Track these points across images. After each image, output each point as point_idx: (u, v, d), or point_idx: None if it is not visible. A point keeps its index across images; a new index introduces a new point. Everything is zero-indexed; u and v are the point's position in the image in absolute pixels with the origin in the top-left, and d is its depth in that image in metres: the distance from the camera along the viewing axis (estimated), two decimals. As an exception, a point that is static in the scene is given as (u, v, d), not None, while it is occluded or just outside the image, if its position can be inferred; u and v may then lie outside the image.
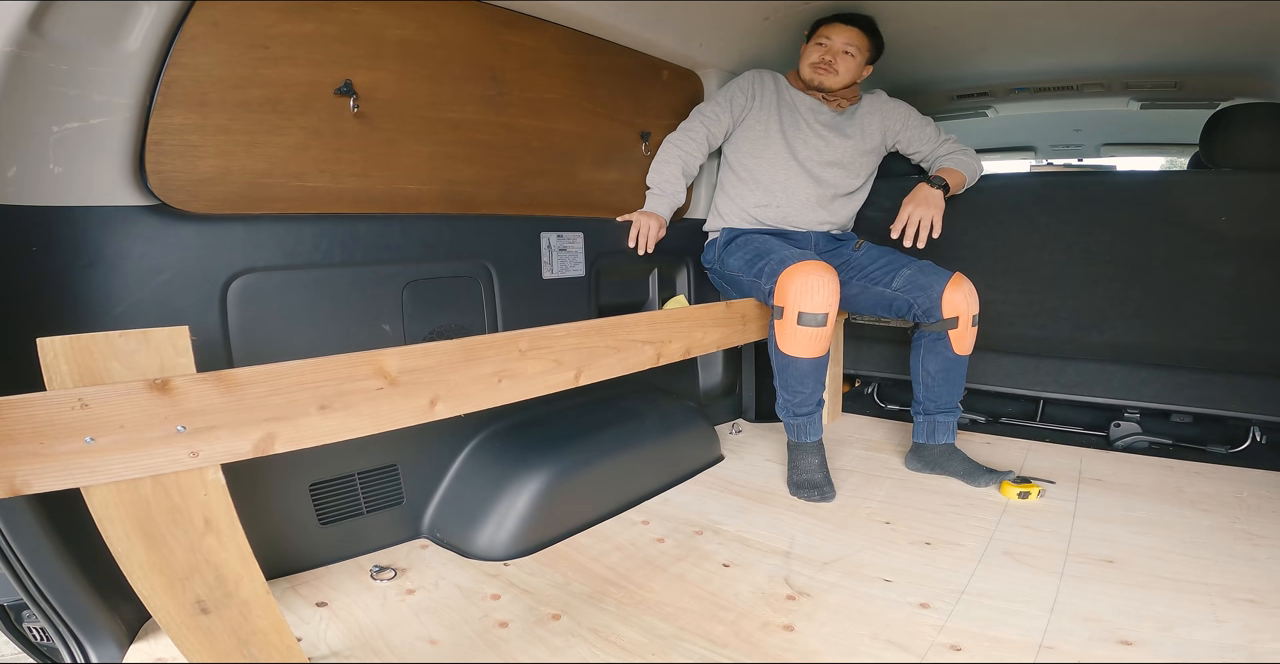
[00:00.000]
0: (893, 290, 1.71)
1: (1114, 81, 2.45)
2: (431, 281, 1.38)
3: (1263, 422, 1.80)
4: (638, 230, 1.79)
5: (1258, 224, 1.65)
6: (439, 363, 1.00)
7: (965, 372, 1.72)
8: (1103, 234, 1.83)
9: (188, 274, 1.07)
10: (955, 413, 1.74)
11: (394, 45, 1.29)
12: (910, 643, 1.04)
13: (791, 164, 1.87)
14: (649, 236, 1.80)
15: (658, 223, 1.81)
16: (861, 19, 1.82)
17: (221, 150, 1.11)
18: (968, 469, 1.68)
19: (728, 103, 1.89)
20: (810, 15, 1.88)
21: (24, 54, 0.84)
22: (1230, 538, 1.35)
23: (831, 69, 1.81)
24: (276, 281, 1.17)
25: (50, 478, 0.70)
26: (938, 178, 1.84)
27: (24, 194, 0.91)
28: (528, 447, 1.46)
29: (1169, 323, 1.80)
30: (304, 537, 1.26)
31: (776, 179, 1.87)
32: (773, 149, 1.87)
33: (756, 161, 1.88)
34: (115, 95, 0.96)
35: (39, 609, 0.94)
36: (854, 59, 1.82)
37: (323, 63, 1.20)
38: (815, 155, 1.87)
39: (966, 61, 2.37)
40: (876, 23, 1.84)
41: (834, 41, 1.81)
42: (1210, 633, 1.04)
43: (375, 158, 1.30)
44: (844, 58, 1.81)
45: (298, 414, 0.86)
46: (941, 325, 1.67)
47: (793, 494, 1.62)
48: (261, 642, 0.88)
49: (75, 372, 0.71)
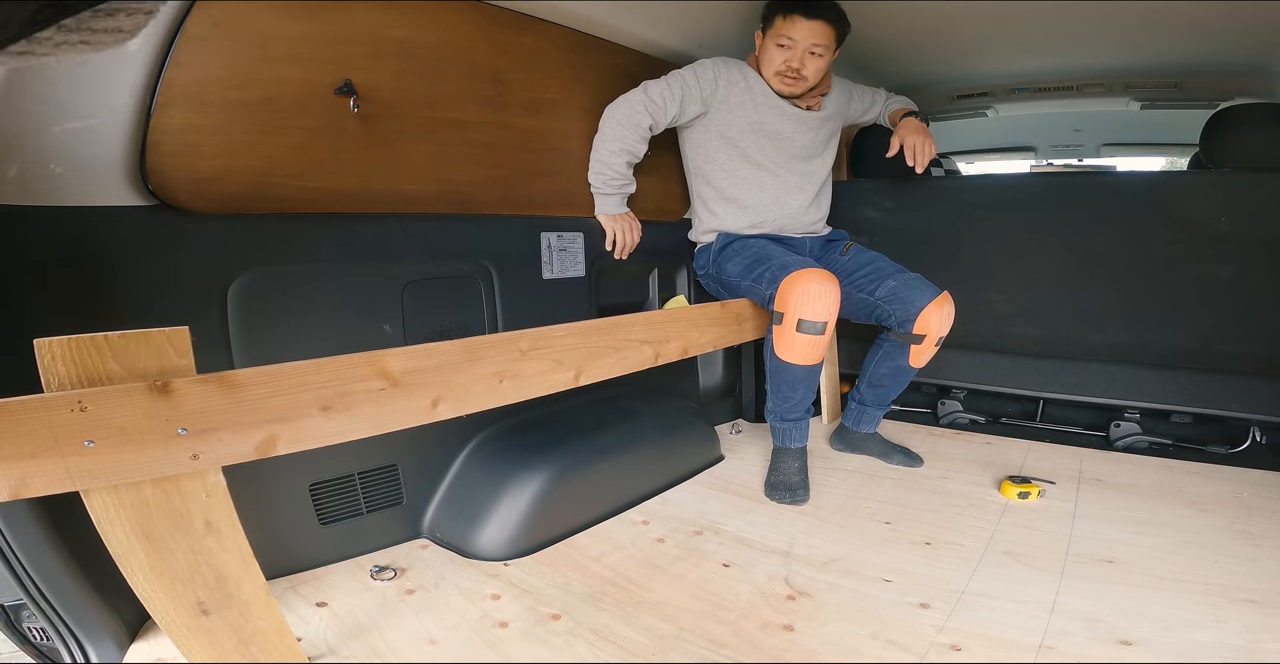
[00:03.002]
0: (874, 298, 1.71)
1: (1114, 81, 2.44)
2: (431, 281, 1.38)
3: (1263, 422, 1.80)
4: (615, 235, 1.74)
5: (1258, 224, 1.65)
6: (440, 363, 1.00)
7: (909, 379, 1.80)
8: (1103, 234, 1.83)
9: (188, 274, 1.07)
10: (885, 409, 1.88)
11: (394, 45, 1.29)
12: (910, 643, 1.04)
13: (778, 175, 1.80)
14: (630, 240, 1.76)
15: (634, 224, 1.76)
16: (826, 9, 1.60)
17: (221, 150, 1.11)
18: (884, 449, 1.85)
19: (679, 97, 1.67)
20: None
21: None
22: (1230, 538, 1.35)
23: (799, 78, 1.66)
24: (277, 281, 1.17)
25: (49, 481, 0.70)
26: (915, 112, 1.88)
27: (24, 194, 0.91)
28: (528, 447, 1.46)
29: (1169, 323, 1.80)
30: (304, 537, 1.25)
31: (765, 198, 1.80)
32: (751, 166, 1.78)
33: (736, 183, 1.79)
34: (115, 95, 0.96)
35: (39, 609, 0.94)
36: (822, 58, 1.64)
37: (323, 63, 1.19)
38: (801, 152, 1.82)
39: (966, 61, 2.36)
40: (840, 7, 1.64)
41: (798, 43, 1.61)
42: (1210, 633, 1.04)
43: (375, 158, 1.30)
44: (811, 60, 1.63)
45: (300, 415, 0.86)
46: (907, 338, 1.70)
47: (767, 495, 1.62)
48: (262, 642, 0.88)
49: (74, 373, 0.71)
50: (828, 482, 1.71)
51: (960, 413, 2.15)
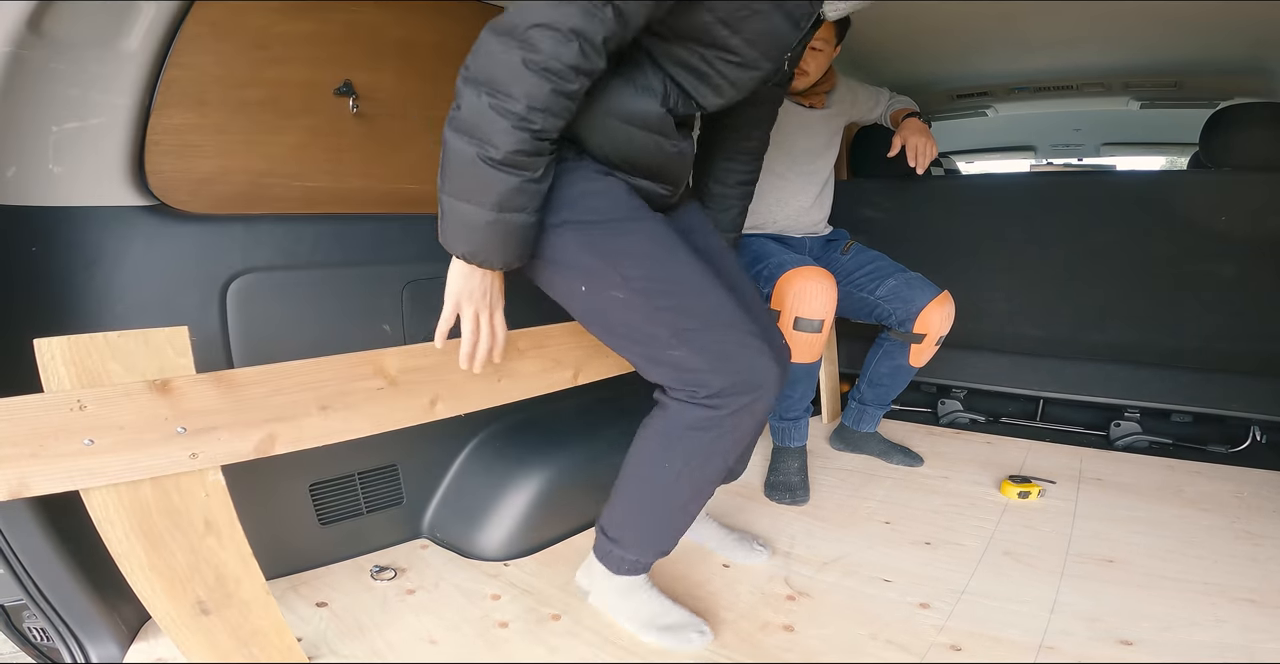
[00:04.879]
0: (875, 298, 1.72)
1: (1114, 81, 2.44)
2: (431, 281, 1.37)
3: (1263, 421, 1.80)
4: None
5: (1258, 224, 1.65)
6: (439, 362, 1.00)
7: (910, 378, 1.79)
8: (1103, 234, 1.83)
9: (187, 274, 1.07)
10: (886, 408, 1.87)
11: (394, 45, 1.29)
12: (910, 643, 1.04)
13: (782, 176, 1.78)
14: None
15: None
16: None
17: (221, 150, 1.11)
18: (884, 449, 1.84)
19: None
20: None
21: (24, 54, 0.84)
22: (1230, 538, 1.35)
23: (803, 73, 1.66)
24: (276, 282, 1.17)
25: (49, 480, 0.70)
26: (917, 113, 1.86)
27: (24, 194, 0.91)
28: (528, 447, 1.46)
29: (1169, 323, 1.80)
30: (304, 537, 1.26)
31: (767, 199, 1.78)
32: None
33: None
34: (115, 95, 0.96)
35: (39, 609, 0.94)
36: (823, 53, 1.64)
37: (323, 63, 1.19)
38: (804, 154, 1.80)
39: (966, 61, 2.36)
40: None
41: None
42: (1210, 633, 1.04)
43: (375, 158, 1.30)
44: (813, 55, 1.63)
45: (299, 415, 0.86)
46: (908, 337, 1.70)
47: (766, 495, 1.62)
48: (262, 642, 0.88)
49: (73, 373, 0.71)
50: (828, 481, 1.71)
51: (960, 412, 2.15)
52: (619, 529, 1.04)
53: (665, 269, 0.91)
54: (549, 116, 0.75)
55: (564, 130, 0.80)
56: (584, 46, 0.73)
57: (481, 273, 0.88)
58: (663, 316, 0.90)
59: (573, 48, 0.72)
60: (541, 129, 0.75)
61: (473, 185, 0.79)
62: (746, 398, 0.90)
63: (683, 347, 0.89)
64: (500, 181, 0.78)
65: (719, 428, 0.92)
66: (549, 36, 0.71)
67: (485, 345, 0.93)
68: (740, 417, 0.91)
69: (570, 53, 0.72)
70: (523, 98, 0.73)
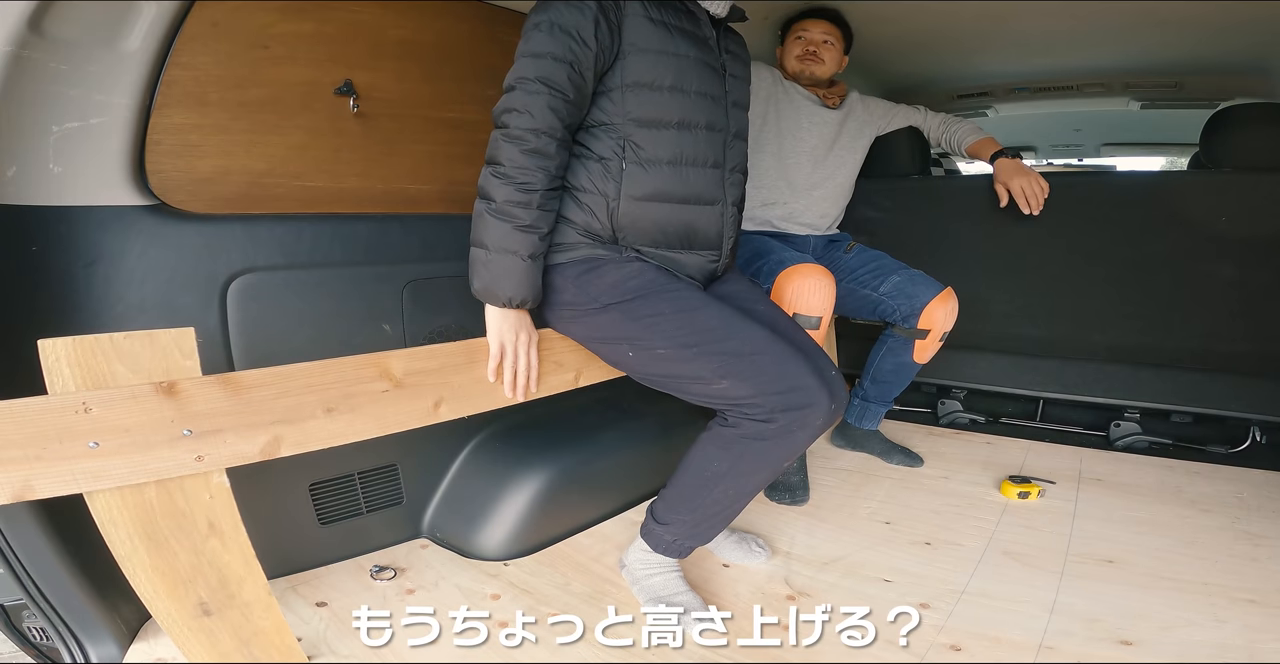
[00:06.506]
0: (878, 294, 1.73)
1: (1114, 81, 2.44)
2: (431, 281, 1.38)
3: (1263, 421, 1.80)
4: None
5: (1258, 224, 1.65)
6: (443, 365, 1.00)
7: (913, 375, 1.80)
8: (1103, 234, 1.83)
9: (187, 274, 1.07)
10: (888, 406, 1.88)
11: (394, 45, 1.28)
12: (910, 643, 1.04)
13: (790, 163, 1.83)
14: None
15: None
16: (830, 12, 1.84)
17: (221, 150, 1.10)
18: (884, 448, 1.85)
19: None
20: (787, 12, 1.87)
21: (24, 54, 0.84)
22: (1230, 538, 1.36)
23: (818, 58, 1.81)
24: (276, 281, 1.17)
25: (53, 483, 0.70)
26: (1002, 151, 1.88)
27: (24, 194, 0.91)
28: (528, 447, 1.46)
29: (1169, 323, 1.80)
30: (304, 537, 1.26)
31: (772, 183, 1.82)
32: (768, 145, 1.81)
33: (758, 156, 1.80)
34: (115, 95, 0.96)
35: (39, 609, 0.94)
36: (834, 48, 1.83)
37: (323, 63, 1.19)
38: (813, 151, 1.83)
39: (966, 61, 2.36)
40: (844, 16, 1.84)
41: (812, 33, 1.81)
42: (1210, 633, 1.04)
43: (375, 158, 1.30)
44: (826, 47, 1.81)
45: (304, 417, 0.86)
46: (912, 334, 1.71)
47: (766, 495, 1.62)
48: (262, 642, 0.88)
49: (78, 374, 0.71)
50: (827, 481, 1.71)
51: (960, 413, 2.15)
52: (666, 514, 1.15)
53: (696, 322, 1.05)
54: (526, 171, 0.97)
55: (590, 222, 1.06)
56: (533, 114, 0.96)
57: (510, 314, 1.03)
58: (702, 359, 1.03)
59: (525, 117, 0.96)
60: (525, 183, 0.97)
61: (479, 232, 1.00)
62: (796, 414, 1.01)
63: (726, 379, 1.02)
64: (495, 227, 0.98)
65: (772, 439, 1.03)
66: (513, 115, 0.97)
67: (523, 375, 1.07)
68: (792, 430, 1.02)
69: (525, 121, 0.96)
70: (506, 161, 0.97)
